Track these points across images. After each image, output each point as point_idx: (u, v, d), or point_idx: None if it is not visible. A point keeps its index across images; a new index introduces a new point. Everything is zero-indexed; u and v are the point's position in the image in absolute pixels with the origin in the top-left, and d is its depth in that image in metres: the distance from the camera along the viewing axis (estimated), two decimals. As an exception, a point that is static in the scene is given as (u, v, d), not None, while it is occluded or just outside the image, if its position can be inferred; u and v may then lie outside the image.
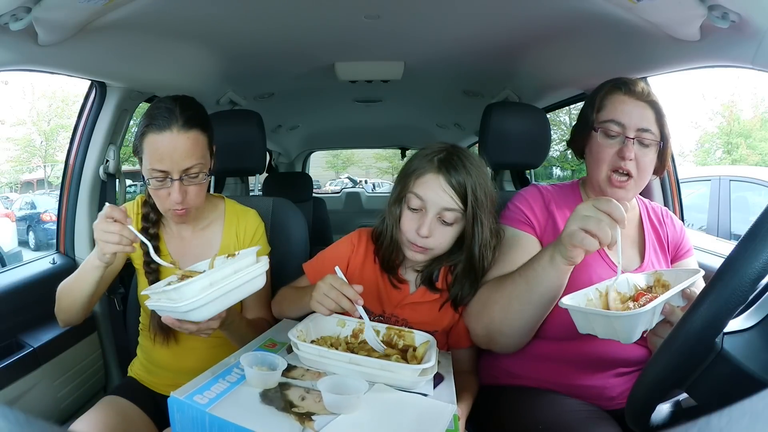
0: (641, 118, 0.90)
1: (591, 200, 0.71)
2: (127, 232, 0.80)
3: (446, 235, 0.89)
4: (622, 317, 0.64)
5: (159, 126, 0.89)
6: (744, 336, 0.52)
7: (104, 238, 0.80)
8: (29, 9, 0.81)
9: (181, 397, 0.63)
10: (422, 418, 0.64)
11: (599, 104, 0.95)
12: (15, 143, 12.32)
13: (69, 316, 0.97)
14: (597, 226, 0.67)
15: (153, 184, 0.92)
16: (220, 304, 0.74)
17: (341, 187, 6.16)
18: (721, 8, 0.82)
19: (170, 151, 0.89)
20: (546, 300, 0.80)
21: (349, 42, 1.47)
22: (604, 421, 0.84)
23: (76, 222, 1.42)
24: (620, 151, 0.90)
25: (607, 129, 0.92)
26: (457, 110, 2.50)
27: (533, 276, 0.79)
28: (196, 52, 1.38)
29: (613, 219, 0.68)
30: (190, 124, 0.91)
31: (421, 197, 0.87)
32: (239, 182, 1.95)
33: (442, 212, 0.87)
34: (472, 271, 0.92)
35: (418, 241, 0.88)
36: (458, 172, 0.86)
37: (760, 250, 0.45)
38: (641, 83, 0.94)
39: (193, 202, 0.95)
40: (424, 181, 0.87)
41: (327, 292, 0.80)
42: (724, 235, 3.22)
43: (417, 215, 0.88)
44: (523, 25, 1.27)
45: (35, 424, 0.21)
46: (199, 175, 0.93)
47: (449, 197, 0.86)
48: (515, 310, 0.83)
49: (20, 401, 1.09)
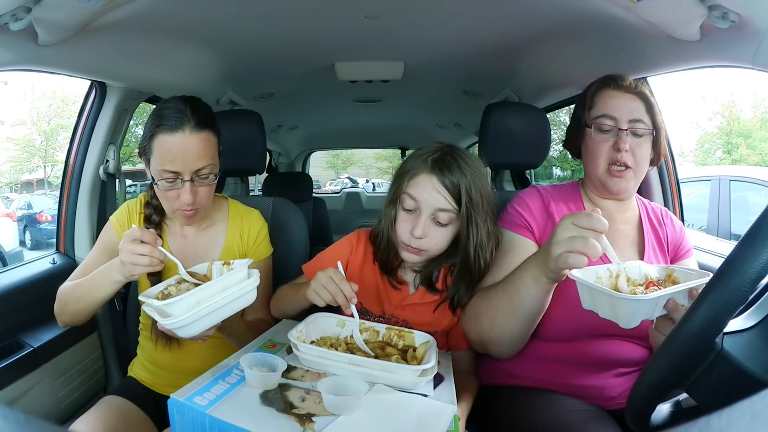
0: (632, 109, 0.92)
1: (569, 217, 0.69)
2: (158, 254, 0.80)
3: (441, 236, 0.88)
4: (625, 300, 0.64)
5: (171, 126, 0.88)
6: (744, 336, 0.52)
7: (134, 260, 0.79)
8: (29, 9, 0.81)
9: (181, 399, 0.63)
10: (422, 419, 0.64)
11: (590, 102, 0.97)
12: (15, 143, 12.31)
13: (74, 319, 0.97)
14: (584, 244, 0.65)
15: (163, 185, 0.91)
16: (206, 322, 0.73)
17: (341, 187, 6.16)
18: (721, 8, 0.82)
19: (183, 152, 0.88)
20: (531, 315, 0.80)
21: (349, 42, 1.47)
22: (604, 421, 0.84)
23: (76, 222, 1.42)
24: (615, 144, 0.92)
25: (600, 124, 0.94)
26: (457, 110, 2.51)
27: (516, 294, 0.78)
28: (196, 53, 1.38)
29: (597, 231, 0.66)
30: (202, 125, 0.90)
31: (415, 198, 0.87)
32: (239, 182, 1.95)
33: (436, 213, 0.86)
34: (468, 273, 0.91)
35: (412, 242, 0.87)
36: (452, 172, 0.85)
37: (760, 250, 0.45)
38: (629, 78, 0.96)
39: (202, 203, 0.95)
40: (417, 182, 0.87)
41: (326, 284, 0.80)
42: (724, 235, 3.22)
43: (411, 216, 0.88)
44: (523, 25, 1.27)
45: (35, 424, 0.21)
46: (210, 175, 0.93)
47: (443, 198, 0.85)
48: (501, 323, 0.83)
49: (20, 401, 1.09)
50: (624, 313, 0.64)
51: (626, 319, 0.65)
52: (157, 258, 0.80)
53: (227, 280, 0.76)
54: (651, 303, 0.65)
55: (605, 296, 0.66)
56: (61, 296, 0.97)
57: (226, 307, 0.75)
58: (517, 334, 0.84)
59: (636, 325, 0.65)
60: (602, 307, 0.67)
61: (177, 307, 0.71)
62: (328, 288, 0.80)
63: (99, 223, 1.43)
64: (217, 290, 0.74)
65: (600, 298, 0.67)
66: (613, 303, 0.65)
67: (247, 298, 0.78)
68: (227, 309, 0.75)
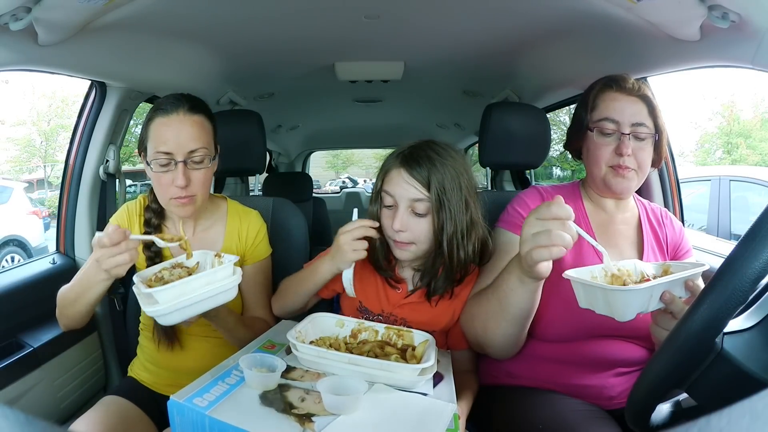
0: (634, 113, 0.91)
1: (532, 213, 0.68)
2: (133, 244, 0.78)
3: (421, 226, 0.89)
4: (618, 292, 0.64)
5: (166, 110, 0.92)
6: (744, 336, 0.52)
7: (114, 263, 0.76)
8: (29, 9, 0.81)
9: (180, 400, 0.63)
10: (423, 418, 0.64)
11: (592, 104, 0.96)
12: (15, 143, 12.31)
13: (73, 322, 0.96)
14: (549, 237, 0.64)
15: (156, 169, 0.92)
16: (186, 313, 0.76)
17: (341, 187, 6.16)
18: (721, 8, 0.82)
19: (176, 133, 0.91)
20: (521, 315, 0.79)
21: (349, 42, 1.47)
22: (603, 421, 0.84)
23: (76, 222, 1.41)
24: (617, 148, 0.91)
25: (602, 127, 0.93)
26: (457, 110, 2.51)
27: (504, 296, 0.78)
28: (196, 52, 1.38)
29: (561, 219, 0.65)
30: (195, 110, 0.94)
31: (390, 193, 0.89)
32: (239, 182, 1.95)
33: (412, 204, 0.88)
34: (439, 259, 0.90)
35: (395, 236, 0.89)
36: (420, 164, 0.87)
37: (760, 250, 0.45)
38: (631, 79, 0.95)
39: (197, 190, 0.95)
40: (390, 178, 0.90)
41: (356, 234, 0.86)
42: (724, 235, 3.22)
43: (391, 211, 0.90)
44: (523, 25, 1.27)
45: (35, 424, 0.21)
46: (203, 160, 0.94)
47: (414, 188, 0.87)
48: (493, 327, 0.83)
49: (20, 401, 1.09)
50: (619, 306, 0.65)
51: (621, 312, 0.65)
52: (133, 249, 0.78)
53: (212, 276, 0.78)
54: (645, 293, 0.65)
55: (599, 291, 0.66)
56: (59, 300, 0.95)
57: (207, 301, 0.77)
58: (510, 336, 0.83)
59: (632, 317, 0.65)
60: (597, 304, 0.67)
61: (160, 296, 0.73)
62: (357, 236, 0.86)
63: (99, 223, 1.43)
64: (201, 284, 0.76)
65: (594, 294, 0.67)
66: (607, 297, 0.65)
67: (228, 294, 0.79)
68: (207, 303, 0.77)
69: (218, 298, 0.78)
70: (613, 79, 0.95)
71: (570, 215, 0.65)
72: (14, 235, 5.68)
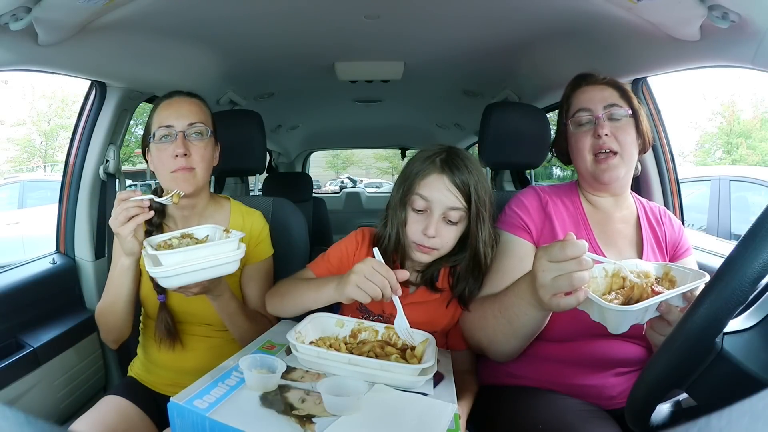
0: (605, 97, 0.95)
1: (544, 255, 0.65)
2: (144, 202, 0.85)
3: (451, 235, 0.90)
4: (611, 310, 0.64)
5: (168, 96, 1.01)
6: (744, 336, 0.52)
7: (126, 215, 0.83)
8: (29, 9, 0.81)
9: (180, 402, 0.62)
10: (423, 418, 0.64)
11: (566, 105, 1.00)
12: (15, 143, 12.30)
13: (118, 330, 0.99)
14: (570, 282, 0.62)
15: (158, 144, 0.96)
16: (188, 279, 0.80)
17: (341, 187, 6.15)
18: (721, 8, 0.82)
19: (176, 109, 0.98)
20: (531, 332, 0.80)
21: (349, 42, 1.47)
22: (603, 421, 0.84)
23: (76, 222, 1.41)
24: (594, 131, 0.93)
25: (577, 119, 0.96)
26: (457, 110, 2.51)
27: (515, 319, 0.77)
28: (196, 52, 1.38)
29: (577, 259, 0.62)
30: (195, 96, 1.03)
31: (427, 198, 0.88)
32: (239, 182, 1.95)
33: (447, 212, 0.88)
34: (477, 268, 0.92)
35: (424, 241, 0.89)
36: (461, 172, 0.87)
37: (760, 250, 0.45)
38: (599, 73, 0.99)
39: (196, 163, 0.97)
40: (428, 182, 0.89)
41: (370, 276, 0.76)
42: (724, 235, 3.22)
43: (422, 216, 0.89)
44: (523, 25, 1.27)
45: (35, 424, 0.21)
46: (203, 133, 0.99)
47: (454, 196, 0.87)
48: (500, 340, 0.84)
49: (20, 401, 1.09)
50: (611, 321, 0.65)
51: (614, 326, 0.65)
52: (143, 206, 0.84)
53: (217, 247, 0.82)
54: (639, 312, 0.64)
55: (595, 304, 0.65)
56: (99, 317, 1.00)
57: (208, 270, 0.81)
58: (516, 348, 0.85)
59: (625, 330, 0.65)
60: (592, 312, 0.67)
61: (165, 259, 0.78)
62: (373, 280, 0.76)
63: (99, 223, 1.43)
64: (205, 254, 0.81)
65: (590, 305, 0.67)
66: (602, 311, 0.65)
67: (229, 267, 0.83)
68: (208, 272, 0.81)
69: (220, 269, 0.82)
70: (581, 77, 1.00)
71: (583, 252, 0.62)
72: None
